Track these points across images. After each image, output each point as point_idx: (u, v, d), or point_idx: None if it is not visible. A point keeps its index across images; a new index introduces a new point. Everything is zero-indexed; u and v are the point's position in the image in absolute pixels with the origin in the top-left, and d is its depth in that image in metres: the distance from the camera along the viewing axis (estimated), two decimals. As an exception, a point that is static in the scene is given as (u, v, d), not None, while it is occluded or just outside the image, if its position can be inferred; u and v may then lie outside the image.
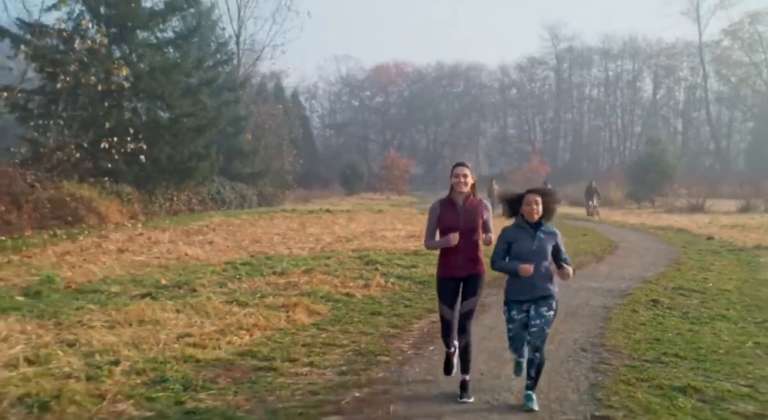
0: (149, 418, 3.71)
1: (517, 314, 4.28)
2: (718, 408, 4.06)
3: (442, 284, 4.49)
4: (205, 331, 5.53)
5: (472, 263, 4.44)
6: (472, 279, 4.44)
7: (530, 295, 4.25)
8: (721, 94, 70.00)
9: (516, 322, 4.28)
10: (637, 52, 72.92)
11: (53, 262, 10.79)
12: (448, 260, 4.46)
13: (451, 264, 4.44)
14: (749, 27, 65.34)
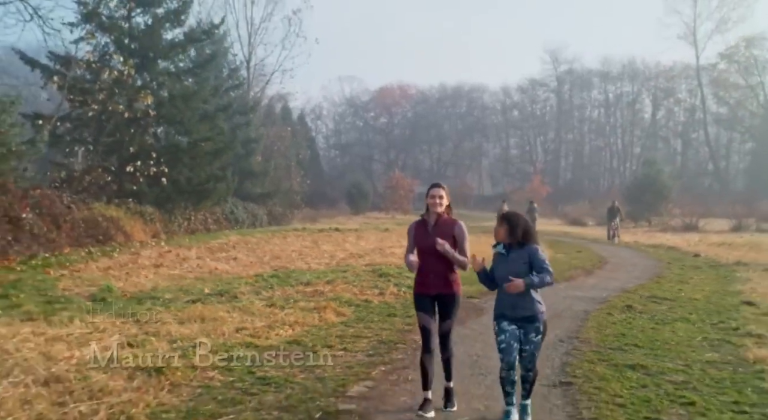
0: (232, 382, 5.05)
1: (509, 325, 4.39)
2: (656, 378, 5.37)
3: (416, 299, 4.66)
4: (256, 326, 6.88)
5: (443, 282, 4.56)
6: (446, 298, 4.56)
7: (513, 314, 4.39)
8: (719, 116, 71.46)
9: (507, 332, 4.38)
10: (636, 75, 74.61)
11: (99, 275, 12.13)
12: (420, 277, 4.64)
13: (424, 281, 4.60)
14: (745, 51, 67.08)
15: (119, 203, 21.67)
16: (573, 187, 66.98)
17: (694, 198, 41.96)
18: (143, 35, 24.69)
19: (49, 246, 15.62)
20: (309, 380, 5.14)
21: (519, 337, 4.38)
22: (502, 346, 4.39)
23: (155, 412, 4.30)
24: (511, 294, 4.33)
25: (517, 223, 4.48)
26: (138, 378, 4.87)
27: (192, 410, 4.39)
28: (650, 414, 4.48)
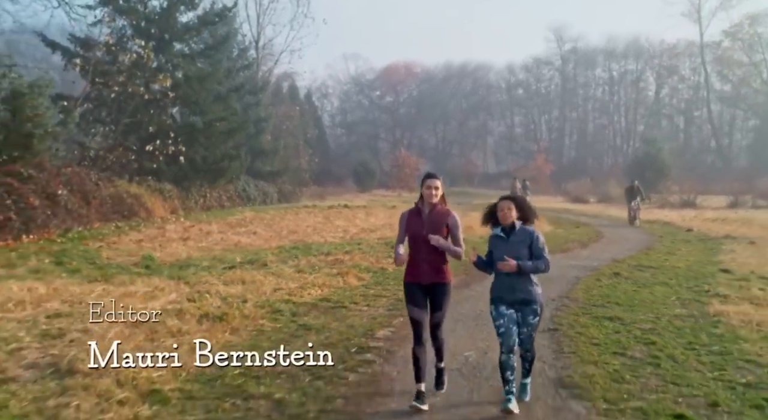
0: (279, 327, 6.20)
1: (506, 309, 4.44)
2: (628, 326, 6.49)
3: (407, 289, 4.65)
4: (290, 287, 8.01)
5: (436, 271, 4.56)
6: (437, 287, 4.56)
7: (512, 297, 4.44)
8: (722, 94, 71.82)
9: (505, 316, 4.42)
10: (640, 53, 74.78)
11: (134, 247, 13.27)
12: (413, 267, 4.63)
13: (416, 271, 4.60)
14: (749, 28, 67.26)
15: (140, 181, 22.74)
16: (576, 165, 67.69)
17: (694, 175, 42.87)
18: (159, 18, 25.54)
19: (81, 220, 16.74)
20: (342, 326, 6.29)
21: (517, 320, 4.42)
22: (501, 331, 4.42)
23: (225, 346, 5.44)
24: (510, 277, 4.40)
25: (524, 205, 4.60)
26: (205, 323, 6.02)
27: (253, 345, 5.53)
28: (618, 350, 5.60)
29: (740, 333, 6.26)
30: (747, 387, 4.71)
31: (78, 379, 4.43)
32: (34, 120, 15.07)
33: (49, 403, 4.07)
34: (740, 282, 9.59)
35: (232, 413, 4.08)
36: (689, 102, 74.52)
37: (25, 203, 14.24)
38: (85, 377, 4.47)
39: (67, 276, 8.65)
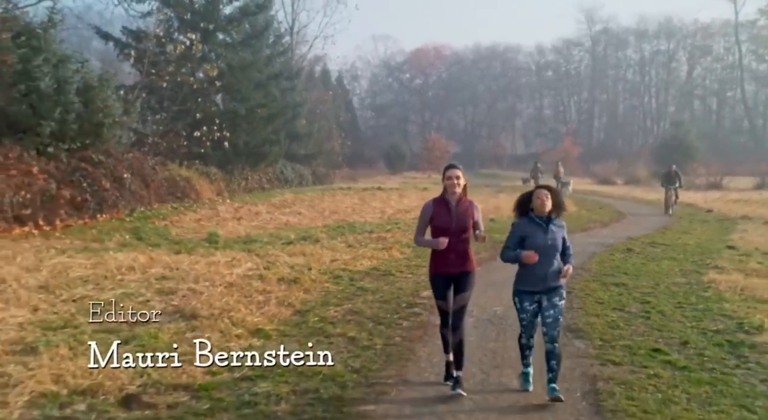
0: (342, 289, 7.63)
1: (529, 305, 4.53)
2: (630, 290, 7.78)
3: (434, 281, 4.79)
4: (344, 258, 9.44)
5: (463, 261, 4.68)
6: (463, 276, 4.67)
7: (543, 286, 4.49)
8: (757, 73, 71.16)
9: (528, 312, 4.54)
10: (672, 33, 74.21)
11: (195, 225, 14.84)
12: (440, 258, 4.70)
13: (443, 261, 4.68)
14: (786, 6, 66.47)
15: (189, 165, 24.39)
16: (605, 147, 67.94)
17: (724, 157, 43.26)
18: (203, 10, 27.03)
19: (142, 201, 18.38)
20: (393, 288, 7.70)
21: (541, 303, 4.49)
22: (524, 323, 4.60)
23: (304, 301, 6.89)
24: (543, 267, 4.44)
25: (558, 198, 4.63)
26: (282, 285, 7.47)
27: (324, 301, 6.97)
28: (618, 307, 6.91)
29: (725, 296, 7.50)
30: (716, 332, 5.98)
31: (202, 321, 5.91)
32: (104, 110, 16.67)
33: (186, 335, 5.54)
34: (741, 257, 10.75)
35: (318, 345, 5.50)
36: (722, 82, 73.99)
37: (98, 186, 15.88)
38: (206, 320, 5.94)
39: (153, 249, 10.17)
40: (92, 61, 26.63)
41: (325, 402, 4.19)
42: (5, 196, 13.21)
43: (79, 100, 16.22)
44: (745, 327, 6.11)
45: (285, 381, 4.51)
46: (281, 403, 4.16)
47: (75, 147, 16.27)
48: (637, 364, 5.05)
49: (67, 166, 15.56)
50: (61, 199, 14.58)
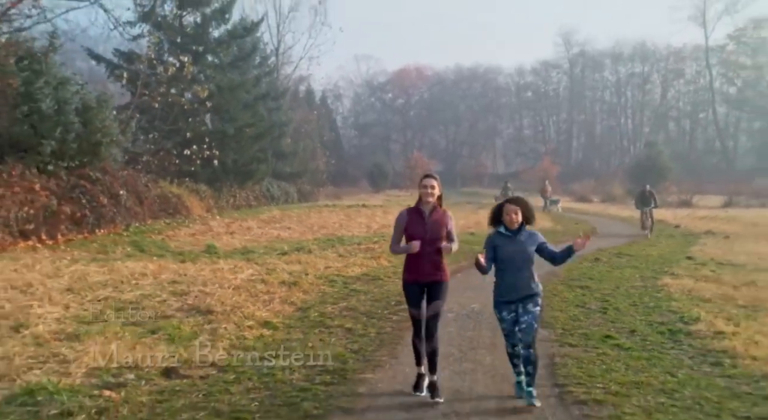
0: (336, 291, 8.51)
1: (507, 314, 4.66)
2: (593, 292, 8.76)
3: (407, 289, 4.83)
4: (337, 266, 10.33)
5: (436, 270, 4.72)
6: (435, 285, 4.72)
7: (516, 295, 4.61)
8: (728, 96, 73.60)
9: (507, 321, 4.67)
10: (646, 56, 76.60)
11: (191, 239, 15.63)
12: (412, 266, 4.77)
13: (416, 269, 4.74)
14: (753, 32, 69.07)
15: (179, 182, 25.16)
16: (583, 167, 69.70)
17: (696, 176, 44.92)
18: (193, 33, 28.01)
19: (137, 217, 19.08)
20: (382, 290, 8.60)
21: (518, 312, 4.62)
22: (505, 333, 4.74)
23: (304, 300, 7.78)
24: (514, 276, 4.60)
25: (527, 208, 4.76)
26: (283, 287, 8.34)
27: (321, 300, 7.85)
28: (580, 304, 7.89)
29: (674, 296, 8.50)
30: (660, 324, 6.96)
31: (216, 316, 6.76)
32: (102, 130, 17.44)
33: (205, 327, 6.39)
34: (697, 266, 11.81)
35: (320, 334, 6.39)
36: (695, 104, 76.30)
37: (96, 202, 16.61)
38: (221, 314, 6.80)
39: (158, 258, 10.97)
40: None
41: (331, 372, 5.08)
42: (10, 211, 13.93)
43: (79, 120, 17.00)
44: (685, 319, 7.10)
45: (295, 358, 5.39)
46: (294, 373, 5.04)
47: (74, 165, 16.98)
48: (590, 346, 6.00)
49: (66, 183, 16.27)
50: (62, 215, 15.29)
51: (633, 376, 5.02)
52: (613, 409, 4.28)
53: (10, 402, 4.25)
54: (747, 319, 7.12)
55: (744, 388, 4.79)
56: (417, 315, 4.78)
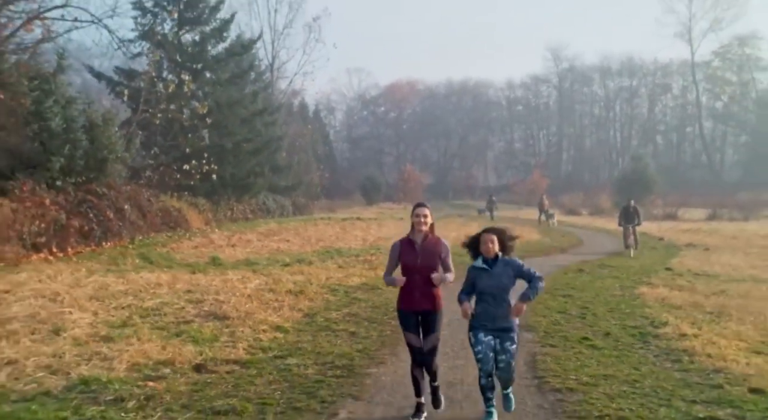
0: (339, 298, 9.25)
1: (484, 336, 4.61)
2: (574, 299, 9.54)
3: (402, 316, 4.88)
4: (338, 276, 11.06)
5: (429, 299, 4.75)
6: (430, 314, 4.76)
7: (493, 325, 4.61)
8: (714, 111, 75.08)
9: (483, 343, 4.60)
10: (634, 71, 78.12)
11: (194, 251, 16.30)
12: (406, 294, 4.82)
13: (409, 298, 4.79)
14: (738, 49, 70.74)
15: (178, 196, 25.85)
16: (572, 179, 70.80)
17: (681, 189, 46.01)
18: (192, 51, 28.83)
19: (140, 231, 19.79)
20: (381, 299, 9.34)
21: (494, 347, 4.60)
22: (480, 356, 4.62)
23: (310, 307, 8.51)
24: (492, 306, 4.61)
25: (504, 238, 4.77)
26: (290, 296, 9.07)
27: (326, 307, 8.59)
28: (561, 310, 8.65)
29: (648, 303, 9.30)
30: (633, 327, 7.74)
31: (233, 321, 7.48)
32: (108, 147, 18.20)
33: (224, 330, 7.11)
34: (674, 276, 12.63)
35: (328, 336, 7.12)
36: (682, 118, 77.78)
37: (103, 216, 17.32)
38: (236, 320, 7.52)
39: (168, 270, 11.68)
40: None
41: (340, 367, 5.82)
42: (24, 225, 14.62)
43: (86, 137, 17.74)
44: (654, 323, 7.88)
45: (308, 357, 6.13)
46: (308, 368, 5.77)
47: (81, 180, 17.69)
48: (568, 346, 6.75)
49: (74, 198, 16.97)
50: (71, 228, 15.99)
51: (603, 370, 5.78)
52: (582, 396, 5.04)
53: (70, 390, 4.97)
54: (710, 323, 7.91)
55: (696, 379, 5.57)
56: (414, 341, 4.82)
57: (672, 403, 4.83)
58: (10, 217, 14.37)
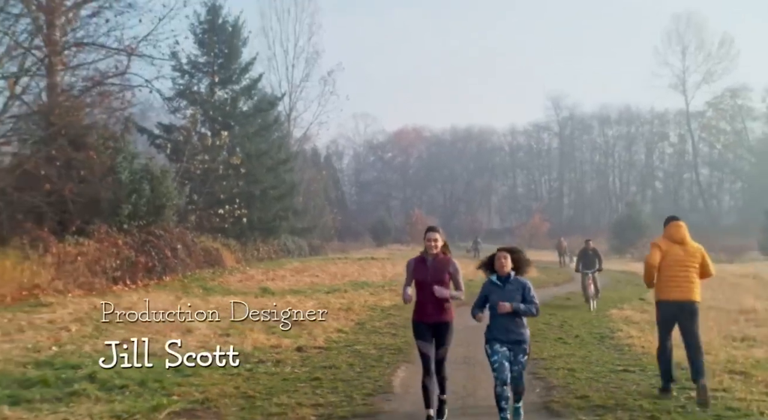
0: (378, 314, 12.16)
1: (500, 346, 5.10)
2: (557, 317, 12.39)
3: (416, 327, 5.45)
4: (372, 300, 13.99)
5: (440, 311, 5.27)
6: (441, 326, 5.29)
7: (506, 337, 5.07)
8: (710, 158, 78.25)
9: (499, 353, 5.09)
10: (631, 120, 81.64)
11: (241, 284, 19.22)
12: (420, 307, 5.40)
13: (422, 311, 5.37)
14: (730, 100, 74.28)
15: (213, 238, 28.88)
16: (573, 223, 73.57)
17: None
18: (223, 107, 32.28)
19: (188, 267, 22.76)
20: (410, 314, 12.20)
21: (509, 357, 5.04)
22: (496, 366, 5.02)
23: (359, 319, 11.41)
24: (505, 320, 5.03)
25: (519, 258, 5.26)
26: (341, 312, 11.99)
27: (370, 318, 11.49)
28: (546, 322, 11.52)
29: (614, 320, 12.16)
30: (597, 334, 10.59)
31: (307, 325, 10.36)
32: (166, 195, 21.35)
33: (303, 331, 10.00)
34: (644, 304, 15.41)
35: (377, 335, 9.99)
36: (678, 165, 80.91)
37: (162, 254, 20.35)
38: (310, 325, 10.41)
39: (233, 296, 14.58)
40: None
41: (391, 350, 8.74)
42: (106, 262, 17.65)
43: (148, 187, 20.88)
44: (613, 331, 10.74)
45: (368, 345, 9.03)
46: (371, 350, 8.69)
47: (143, 224, 20.75)
48: (547, 342, 9.61)
49: (139, 239, 20.01)
50: (139, 264, 19.01)
51: (566, 352, 8.67)
52: (550, 362, 7.92)
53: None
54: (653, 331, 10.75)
55: (626, 358, 8.44)
56: (425, 349, 5.33)
57: (604, 366, 7.73)
58: (96, 255, 17.43)
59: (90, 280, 16.65)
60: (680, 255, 6.48)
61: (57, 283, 15.53)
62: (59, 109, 18.41)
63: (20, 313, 11.49)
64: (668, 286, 6.46)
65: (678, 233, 6.61)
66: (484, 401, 6.14)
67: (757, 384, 6.70)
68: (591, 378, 7.19)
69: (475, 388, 6.89)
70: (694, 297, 6.45)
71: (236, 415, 5.63)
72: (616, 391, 6.52)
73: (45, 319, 10.83)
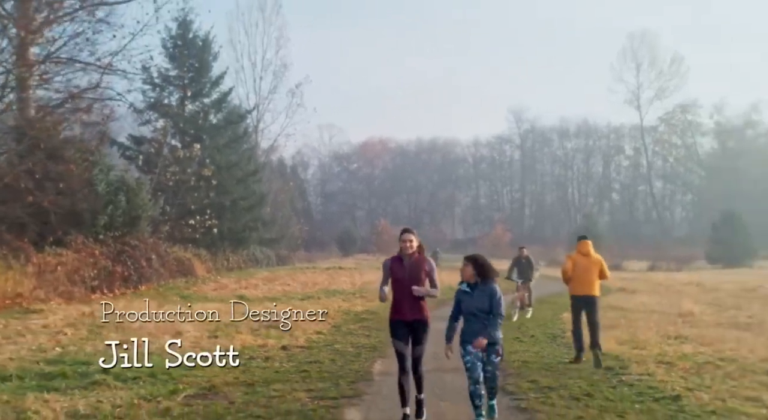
0: (352, 318, 13.13)
1: (473, 348, 5.45)
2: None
3: (392, 325, 5.67)
4: (345, 305, 14.96)
5: (416, 310, 5.50)
6: (418, 324, 5.50)
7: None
8: (663, 171, 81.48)
9: (471, 353, 5.44)
10: (589, 133, 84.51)
11: (216, 293, 19.96)
12: (396, 306, 5.60)
13: (399, 309, 5.57)
14: (680, 115, 77.75)
15: (185, 248, 29.45)
16: (534, 233, 75.60)
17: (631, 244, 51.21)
18: (193, 120, 32.89)
19: (162, 277, 23.37)
20: (381, 318, 13.23)
21: (482, 357, 5.37)
22: (468, 365, 5.32)
23: (334, 322, 12.37)
24: (477, 325, 5.39)
25: (482, 263, 5.51)
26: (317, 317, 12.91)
27: (345, 322, 12.46)
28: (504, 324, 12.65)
29: (565, 322, 13.33)
30: (549, 333, 11.77)
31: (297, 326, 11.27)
32: (141, 207, 21.98)
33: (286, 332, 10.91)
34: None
35: (353, 336, 10.98)
36: (634, 178, 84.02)
37: (138, 264, 20.97)
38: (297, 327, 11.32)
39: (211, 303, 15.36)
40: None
41: (368, 348, 9.73)
42: (85, 271, 18.24)
43: (124, 199, 21.48)
44: (565, 332, 11.93)
45: (346, 344, 10.01)
46: (348, 348, 9.69)
47: (118, 234, 21.32)
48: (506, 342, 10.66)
49: (114, 249, 20.59)
50: (116, 274, 19.62)
51: (521, 348, 9.82)
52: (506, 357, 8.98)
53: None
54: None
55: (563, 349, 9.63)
56: (401, 348, 5.56)
57: (553, 359, 8.97)
58: (75, 265, 18.01)
59: (69, 288, 17.26)
60: (585, 264, 9.09)
61: (38, 291, 16.13)
62: (39, 124, 18.92)
63: (12, 319, 12.16)
64: (577, 285, 9.13)
65: (584, 248, 9.21)
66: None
67: (677, 371, 7.91)
68: (541, 368, 8.34)
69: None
70: (594, 292, 9.18)
71: (242, 399, 6.56)
72: (561, 377, 7.67)
73: (39, 324, 11.54)
